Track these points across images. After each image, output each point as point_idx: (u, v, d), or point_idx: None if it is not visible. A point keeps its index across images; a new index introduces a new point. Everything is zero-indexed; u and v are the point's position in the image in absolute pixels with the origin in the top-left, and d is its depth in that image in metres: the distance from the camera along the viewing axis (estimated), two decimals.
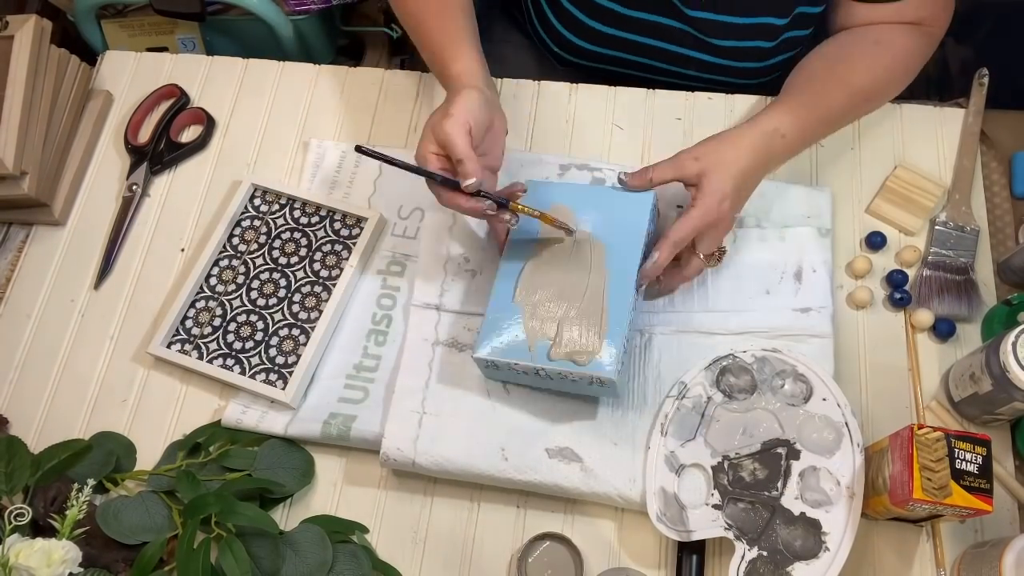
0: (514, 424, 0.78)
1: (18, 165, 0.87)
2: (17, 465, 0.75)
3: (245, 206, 0.91)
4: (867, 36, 0.85)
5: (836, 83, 0.83)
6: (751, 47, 0.92)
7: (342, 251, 0.88)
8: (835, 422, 0.75)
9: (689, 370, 0.79)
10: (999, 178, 0.90)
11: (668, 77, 0.99)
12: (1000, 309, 0.82)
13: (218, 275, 0.88)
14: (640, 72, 1.00)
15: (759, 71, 0.96)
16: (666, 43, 0.94)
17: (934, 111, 0.94)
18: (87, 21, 1.28)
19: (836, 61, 0.84)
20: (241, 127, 0.98)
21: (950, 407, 0.80)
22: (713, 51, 0.93)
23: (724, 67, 0.95)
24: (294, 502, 0.80)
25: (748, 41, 0.91)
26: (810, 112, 0.81)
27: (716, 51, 0.93)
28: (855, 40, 0.85)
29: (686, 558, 0.74)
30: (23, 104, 0.88)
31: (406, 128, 0.96)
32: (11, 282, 0.91)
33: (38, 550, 0.68)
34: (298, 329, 0.85)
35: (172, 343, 0.85)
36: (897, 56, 0.85)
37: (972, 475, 0.66)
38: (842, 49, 0.85)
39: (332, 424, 0.79)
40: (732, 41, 0.91)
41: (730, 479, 0.74)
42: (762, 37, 0.90)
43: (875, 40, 0.84)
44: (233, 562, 0.71)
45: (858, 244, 0.88)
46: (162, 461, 0.81)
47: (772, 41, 0.91)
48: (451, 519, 0.78)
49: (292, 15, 1.27)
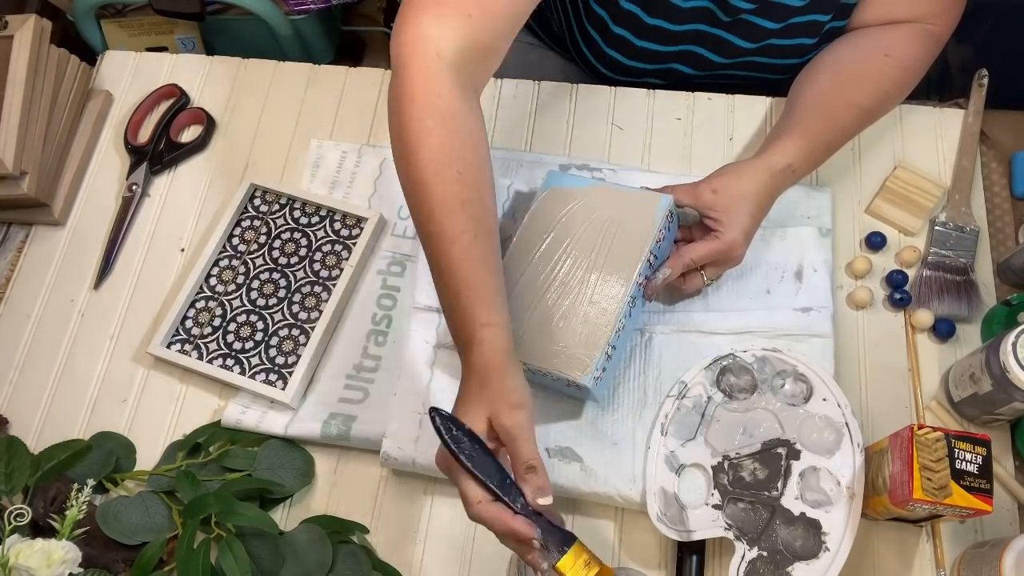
0: None
1: (18, 165, 0.87)
2: (17, 465, 0.75)
3: (245, 206, 0.91)
4: (878, 47, 0.84)
5: (845, 105, 0.82)
6: (794, 45, 0.89)
7: (342, 251, 0.88)
8: (835, 422, 0.75)
9: (689, 370, 0.79)
10: (999, 178, 0.90)
11: (709, 79, 0.97)
12: (1000, 309, 0.82)
13: (218, 275, 0.88)
14: (682, 80, 0.98)
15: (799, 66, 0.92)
16: (708, 51, 0.92)
17: (934, 111, 0.94)
18: (87, 21, 1.28)
19: (847, 80, 0.83)
20: (241, 127, 0.98)
21: (950, 407, 0.80)
22: (755, 51, 0.91)
23: (765, 65, 0.93)
24: (294, 502, 0.80)
25: (792, 39, 0.89)
26: (819, 142, 0.81)
27: (759, 50, 0.91)
28: (866, 54, 0.84)
29: (686, 558, 0.74)
30: (23, 104, 0.88)
31: None
32: (11, 282, 0.91)
33: (38, 550, 0.68)
34: (298, 329, 0.85)
35: (172, 343, 0.85)
36: (908, 68, 0.84)
37: (972, 475, 0.66)
38: (854, 65, 0.84)
39: (332, 424, 0.79)
40: (775, 40, 0.89)
41: (730, 479, 0.74)
42: (806, 35, 0.88)
43: (886, 53, 0.83)
44: (233, 562, 0.71)
45: (858, 244, 0.88)
46: (162, 461, 0.81)
47: (814, 37, 0.88)
48: (451, 519, 0.78)
49: (292, 15, 1.27)
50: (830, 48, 0.87)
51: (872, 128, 0.92)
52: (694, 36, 0.90)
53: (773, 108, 0.94)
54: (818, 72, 0.86)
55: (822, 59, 0.87)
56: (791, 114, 0.83)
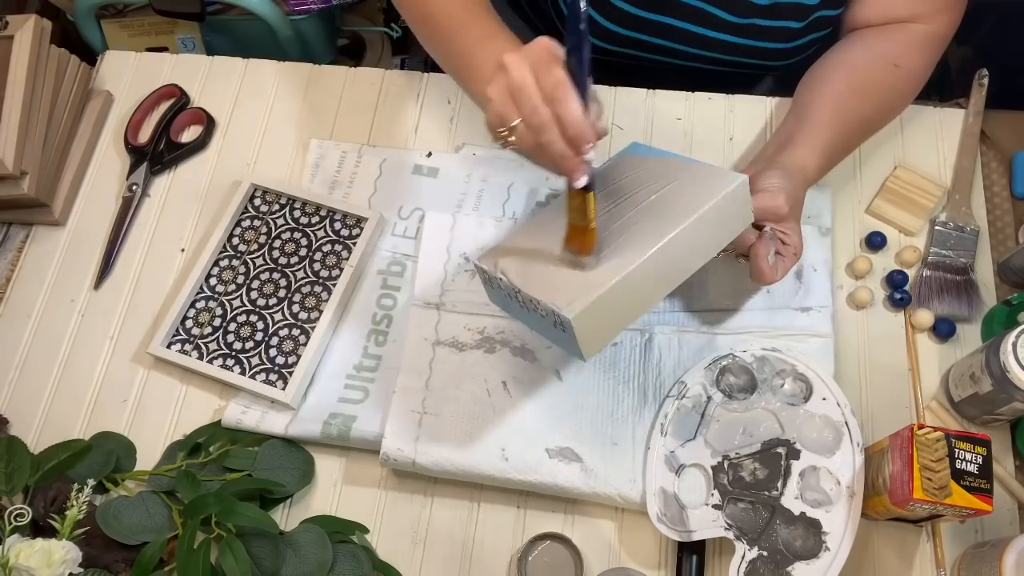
0: (514, 424, 0.78)
1: (18, 165, 0.87)
2: (17, 465, 0.75)
3: (245, 206, 0.91)
4: (888, 56, 0.84)
5: (860, 122, 0.83)
6: (780, 27, 0.89)
7: (342, 251, 0.88)
8: (835, 422, 0.75)
9: (689, 370, 0.79)
10: (999, 178, 0.90)
11: (694, 61, 0.96)
12: (1000, 309, 0.82)
13: (218, 275, 0.88)
14: (666, 57, 0.96)
15: (787, 52, 0.92)
16: (693, 25, 0.90)
17: (934, 111, 0.94)
18: (87, 21, 1.28)
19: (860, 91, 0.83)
20: (241, 127, 0.98)
21: (950, 407, 0.80)
22: (740, 31, 0.90)
23: (751, 48, 0.91)
24: (294, 502, 0.80)
25: (777, 20, 0.88)
26: (835, 156, 0.82)
27: (743, 31, 0.90)
28: (878, 62, 0.84)
29: (686, 558, 0.74)
30: (23, 104, 0.88)
31: (406, 128, 0.96)
32: (11, 282, 0.91)
33: (38, 550, 0.68)
34: (298, 329, 0.85)
35: (172, 343, 0.85)
36: (914, 79, 0.85)
37: (972, 475, 0.66)
38: (868, 74, 0.84)
39: (332, 424, 0.79)
40: (760, 20, 0.88)
41: (730, 479, 0.74)
42: (793, 17, 0.88)
43: (895, 63, 0.84)
44: (233, 562, 0.71)
45: (858, 244, 0.88)
46: (162, 461, 0.81)
47: (802, 21, 0.88)
48: (451, 519, 0.78)
49: (292, 15, 1.27)
50: (842, 49, 0.87)
51: None
52: (680, 8, 0.89)
53: (773, 108, 0.94)
54: (834, 74, 0.84)
55: (836, 61, 0.86)
56: (810, 117, 0.81)
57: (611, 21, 0.92)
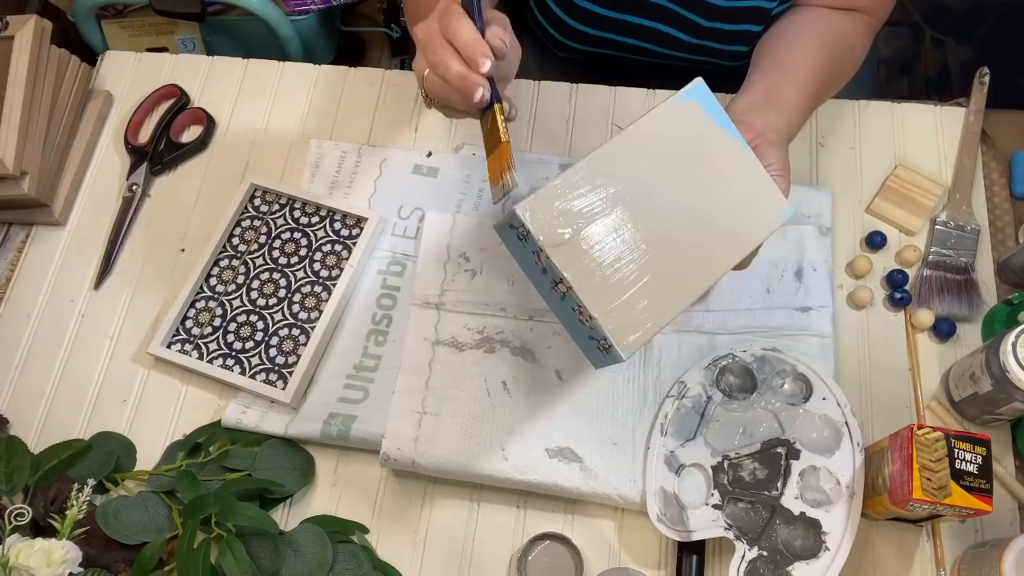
0: (514, 424, 0.78)
1: (18, 165, 0.87)
2: (17, 465, 0.75)
3: (245, 206, 0.91)
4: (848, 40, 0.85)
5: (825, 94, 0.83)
6: (741, 30, 0.92)
7: (342, 251, 0.88)
8: (835, 421, 0.75)
9: (689, 370, 0.79)
10: (999, 178, 0.90)
11: (659, 59, 1.00)
12: (1000, 309, 0.82)
13: (218, 275, 0.88)
14: (633, 55, 1.00)
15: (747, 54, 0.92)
16: (660, 24, 0.94)
17: (934, 111, 0.94)
18: (87, 21, 1.28)
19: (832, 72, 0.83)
20: (241, 127, 0.98)
21: (950, 407, 0.80)
22: (703, 34, 0.93)
23: (713, 49, 0.96)
24: (294, 502, 0.80)
25: (738, 24, 0.91)
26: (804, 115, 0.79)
27: (705, 34, 0.93)
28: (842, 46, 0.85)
29: (686, 558, 0.74)
30: (23, 104, 0.88)
31: (406, 128, 0.96)
32: (11, 282, 0.91)
33: (38, 550, 0.68)
34: (298, 329, 0.85)
35: (172, 343, 0.85)
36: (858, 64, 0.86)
37: (972, 475, 0.66)
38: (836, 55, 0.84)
39: (332, 424, 0.79)
40: (721, 23, 0.91)
41: (730, 479, 0.74)
42: (752, 20, 0.90)
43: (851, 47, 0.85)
44: (233, 562, 0.71)
45: (858, 244, 0.88)
46: (162, 461, 0.81)
47: (761, 25, 0.90)
48: (451, 519, 0.78)
49: (292, 15, 1.27)
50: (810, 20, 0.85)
51: (872, 127, 0.92)
52: (647, 7, 0.92)
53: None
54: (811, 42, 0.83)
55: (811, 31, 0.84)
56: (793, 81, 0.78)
57: (576, 20, 0.95)
